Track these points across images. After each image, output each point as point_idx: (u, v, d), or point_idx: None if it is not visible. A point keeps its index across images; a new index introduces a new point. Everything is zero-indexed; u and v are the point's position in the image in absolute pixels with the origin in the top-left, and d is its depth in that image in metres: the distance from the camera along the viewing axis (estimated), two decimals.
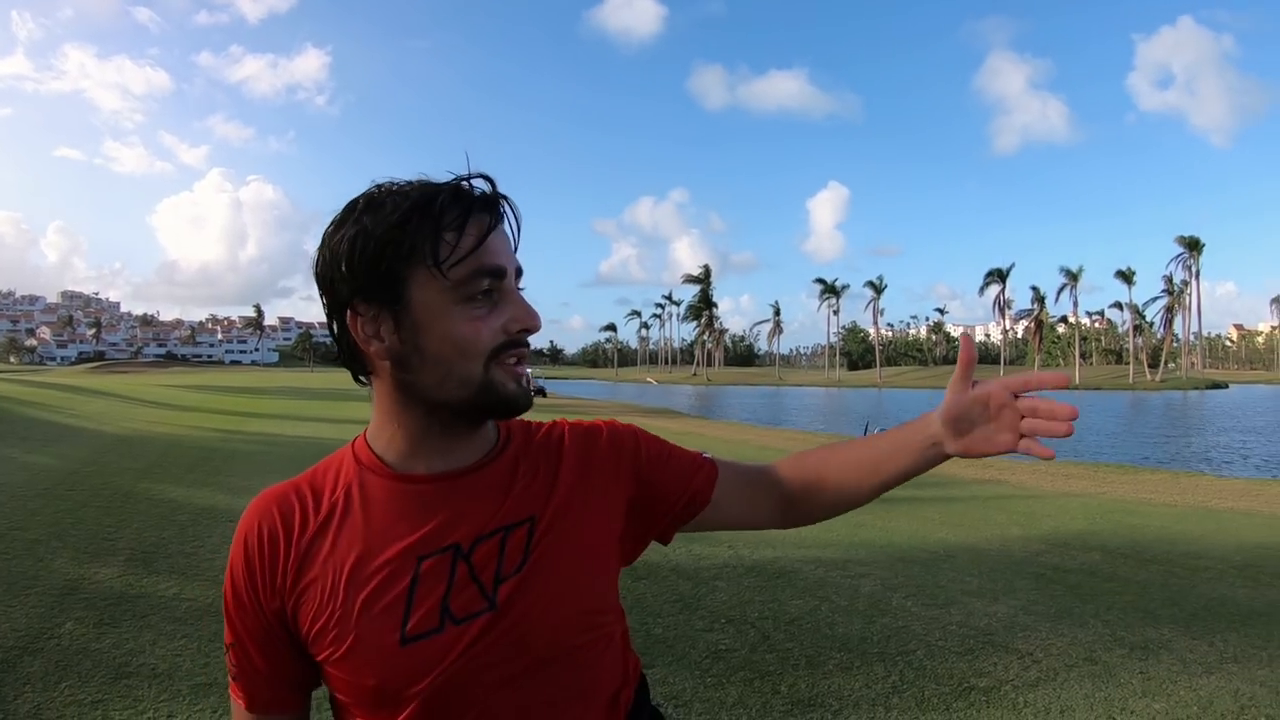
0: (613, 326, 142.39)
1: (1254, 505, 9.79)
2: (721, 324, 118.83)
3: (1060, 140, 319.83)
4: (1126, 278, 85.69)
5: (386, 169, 0.86)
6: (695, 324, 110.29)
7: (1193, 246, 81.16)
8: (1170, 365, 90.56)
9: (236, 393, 33.12)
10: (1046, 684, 3.34)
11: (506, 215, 0.83)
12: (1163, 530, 7.48)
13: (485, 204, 0.80)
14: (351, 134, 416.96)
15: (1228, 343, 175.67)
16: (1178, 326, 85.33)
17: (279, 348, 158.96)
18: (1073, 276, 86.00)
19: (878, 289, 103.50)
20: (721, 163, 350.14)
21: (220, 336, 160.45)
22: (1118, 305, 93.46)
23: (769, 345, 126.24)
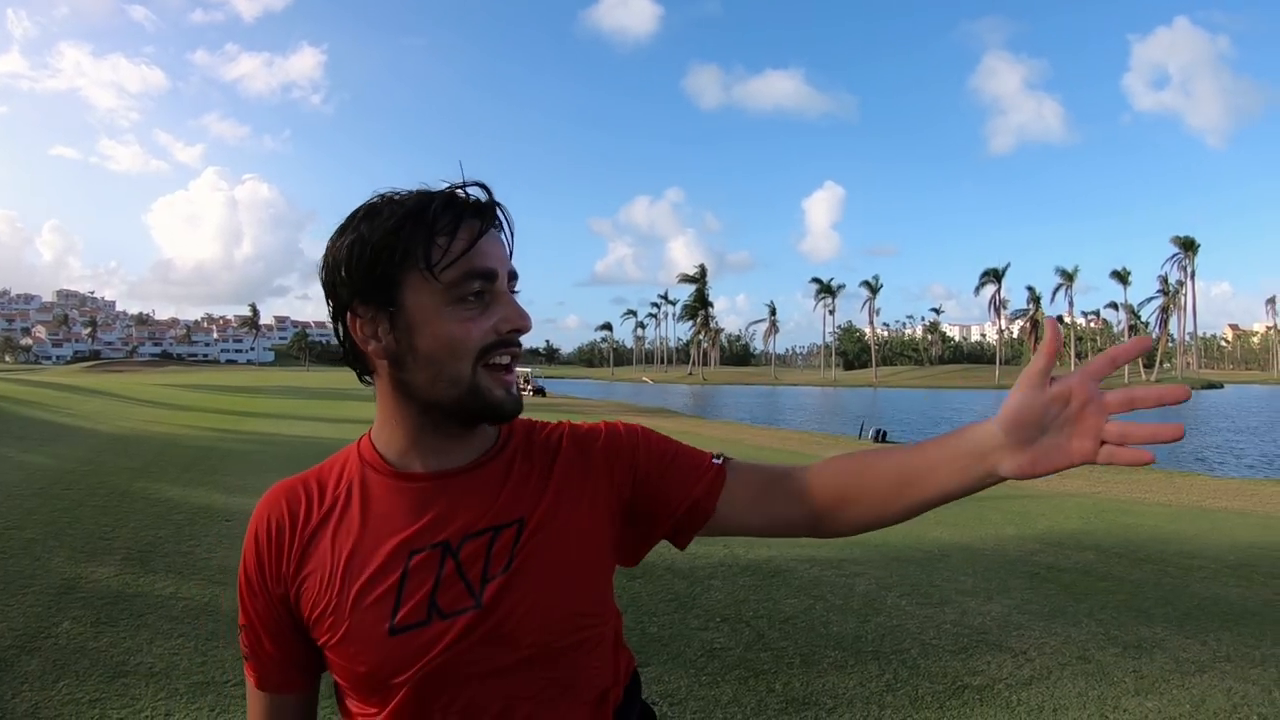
0: (608, 326, 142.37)
1: (1248, 505, 9.84)
2: (717, 323, 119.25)
3: (1056, 141, 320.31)
4: (1122, 278, 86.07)
5: (382, 168, 0.89)
6: (691, 323, 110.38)
7: (1188, 247, 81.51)
8: (1165, 365, 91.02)
9: (232, 392, 33.09)
10: (1040, 682, 3.36)
11: (501, 221, 0.86)
12: (1157, 530, 7.51)
13: (477, 210, 0.82)
14: (347, 133, 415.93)
15: (1223, 343, 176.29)
16: (1173, 327, 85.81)
17: (275, 347, 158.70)
18: (1068, 277, 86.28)
19: (873, 289, 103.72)
20: (717, 162, 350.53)
21: (216, 335, 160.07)
22: (1113, 305, 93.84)
23: (765, 345, 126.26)
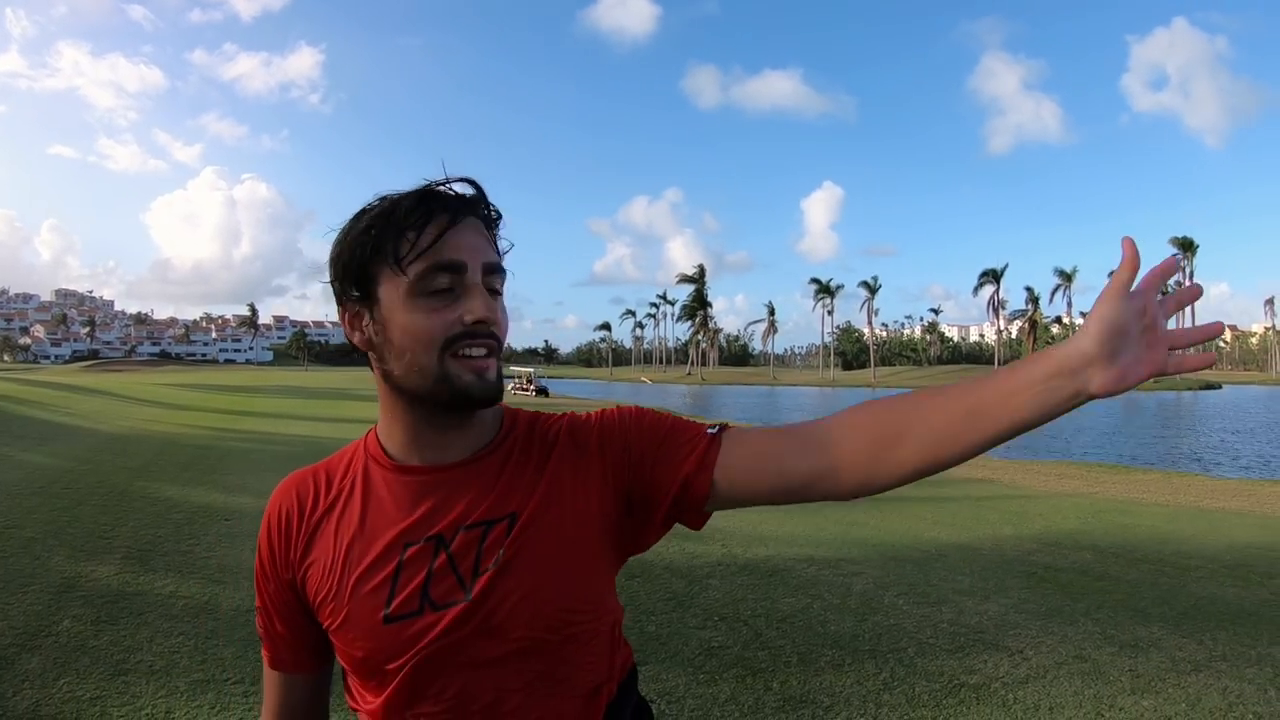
0: (607, 326, 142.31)
1: (1246, 505, 9.87)
2: (716, 324, 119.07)
3: (1054, 141, 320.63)
4: None
5: (380, 167, 0.92)
6: (690, 323, 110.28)
7: (1186, 247, 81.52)
8: None
9: (231, 391, 33.07)
10: (1036, 681, 3.37)
11: (486, 216, 0.88)
12: (1154, 530, 7.53)
13: (448, 204, 0.84)
14: (345, 132, 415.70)
15: (1221, 344, 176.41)
16: (1171, 327, 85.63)
17: (273, 346, 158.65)
18: (1067, 277, 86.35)
19: (872, 289, 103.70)
20: (715, 163, 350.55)
21: (214, 335, 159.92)
22: None
23: (764, 345, 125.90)
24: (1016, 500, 9.58)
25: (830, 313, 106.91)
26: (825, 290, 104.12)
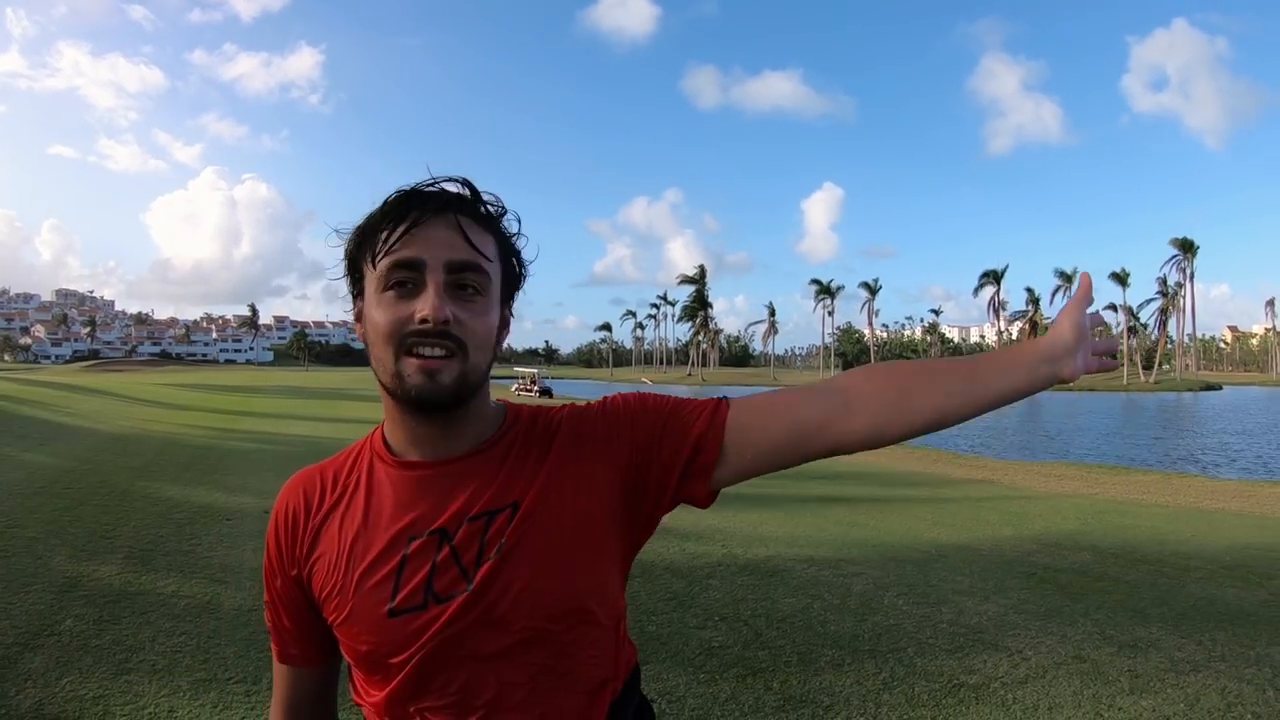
0: (608, 326, 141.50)
1: (1246, 506, 9.88)
2: (716, 324, 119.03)
3: (1054, 142, 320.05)
4: (1121, 279, 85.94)
5: (380, 167, 0.93)
6: (690, 324, 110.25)
7: (1187, 248, 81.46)
8: (1164, 367, 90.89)
9: (232, 392, 33.10)
10: (1035, 681, 3.38)
11: (473, 213, 0.86)
12: (1154, 530, 7.54)
13: (425, 201, 0.84)
14: (345, 132, 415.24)
15: (1221, 344, 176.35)
16: (1172, 328, 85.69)
17: (274, 347, 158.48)
18: (1067, 278, 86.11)
19: (872, 290, 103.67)
20: (715, 163, 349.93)
21: (215, 335, 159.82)
22: (1112, 307, 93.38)
23: (764, 346, 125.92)
24: (1016, 501, 9.60)
25: (831, 314, 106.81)
26: (826, 291, 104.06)
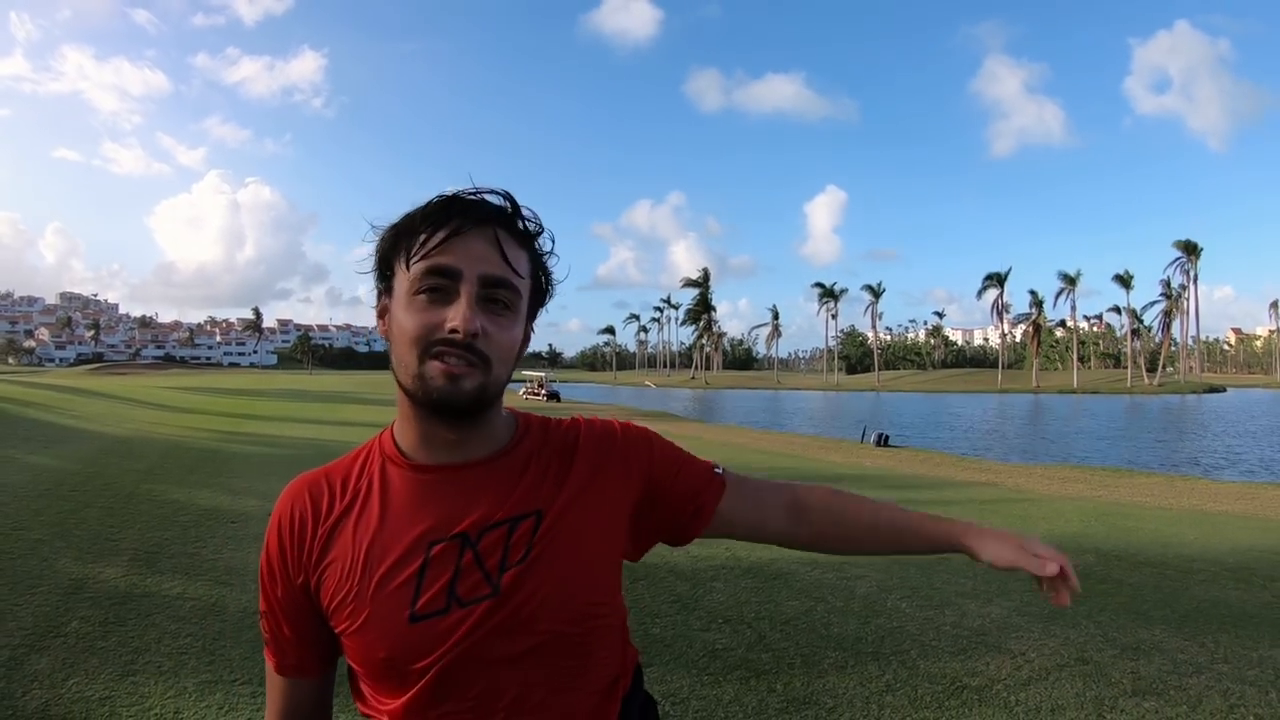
0: (611, 330, 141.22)
1: (1249, 508, 9.86)
2: (720, 327, 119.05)
3: (1057, 144, 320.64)
4: (1125, 282, 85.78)
5: (383, 172, 0.95)
6: (694, 327, 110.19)
7: (1190, 250, 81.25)
8: (1168, 369, 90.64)
9: (235, 395, 33.13)
10: (1038, 683, 3.38)
11: (513, 229, 0.88)
12: (1157, 533, 7.52)
13: (467, 210, 0.85)
14: (348, 136, 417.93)
15: (1225, 347, 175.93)
16: (1175, 330, 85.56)
17: (277, 350, 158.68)
18: (1070, 280, 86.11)
19: (876, 293, 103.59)
20: (718, 166, 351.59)
21: (219, 338, 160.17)
22: (1116, 309, 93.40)
23: (767, 349, 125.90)
24: (1019, 504, 9.58)
25: (834, 316, 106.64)
26: (829, 294, 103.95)
